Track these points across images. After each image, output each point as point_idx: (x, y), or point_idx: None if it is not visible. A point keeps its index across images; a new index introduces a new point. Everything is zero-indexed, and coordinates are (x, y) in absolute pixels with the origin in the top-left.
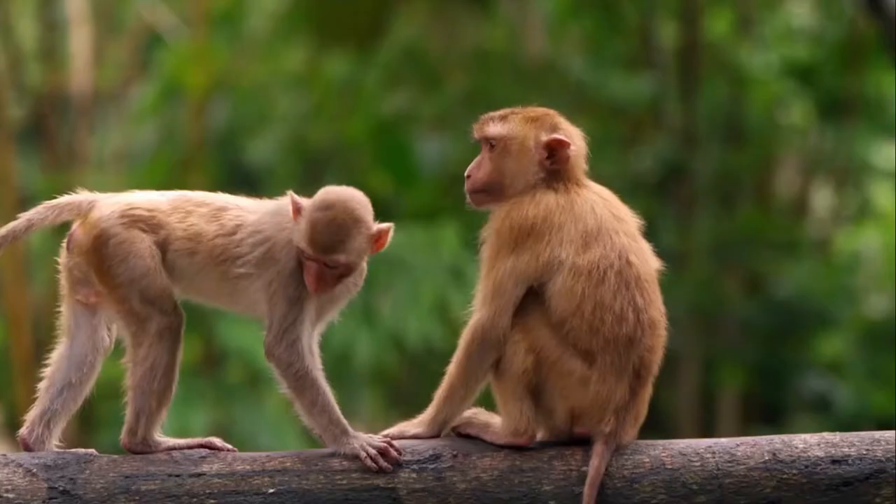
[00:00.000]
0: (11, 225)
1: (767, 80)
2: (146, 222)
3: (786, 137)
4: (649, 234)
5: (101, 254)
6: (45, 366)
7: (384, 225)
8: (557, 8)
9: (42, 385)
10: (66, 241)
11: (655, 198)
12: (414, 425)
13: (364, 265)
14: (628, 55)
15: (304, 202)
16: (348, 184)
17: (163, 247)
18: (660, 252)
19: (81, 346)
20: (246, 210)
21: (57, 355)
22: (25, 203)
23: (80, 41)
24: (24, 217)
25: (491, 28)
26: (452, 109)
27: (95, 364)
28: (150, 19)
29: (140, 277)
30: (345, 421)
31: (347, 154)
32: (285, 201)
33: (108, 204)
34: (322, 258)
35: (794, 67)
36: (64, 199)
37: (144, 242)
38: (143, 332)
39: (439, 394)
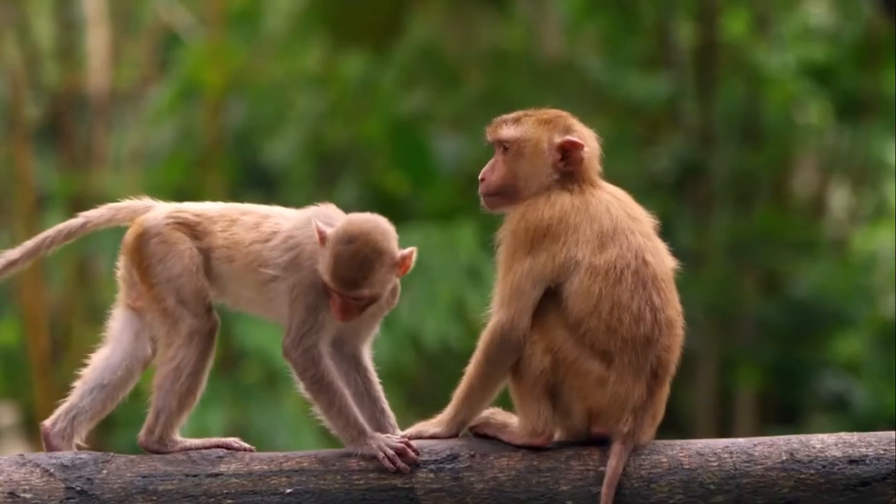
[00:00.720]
0: (69, 222)
1: (784, 80)
2: (191, 227)
3: (803, 137)
4: (666, 233)
5: (143, 252)
6: (62, 366)
7: (407, 250)
8: (574, 7)
9: (76, 382)
10: None
11: (672, 197)
12: (432, 425)
13: (398, 282)
14: (645, 55)
15: (329, 229)
16: (365, 184)
17: (206, 253)
18: (676, 252)
19: (122, 351)
20: (285, 218)
21: (96, 356)
22: (43, 202)
23: (97, 41)
24: (83, 215)
25: (508, 28)
26: (469, 109)
27: (133, 371)
28: (167, 19)
29: (176, 277)
30: (363, 422)
31: (364, 154)
32: (322, 209)
33: (160, 207)
34: (345, 293)
35: (811, 67)
36: (124, 202)
37: (185, 244)
38: (175, 332)
39: (458, 394)
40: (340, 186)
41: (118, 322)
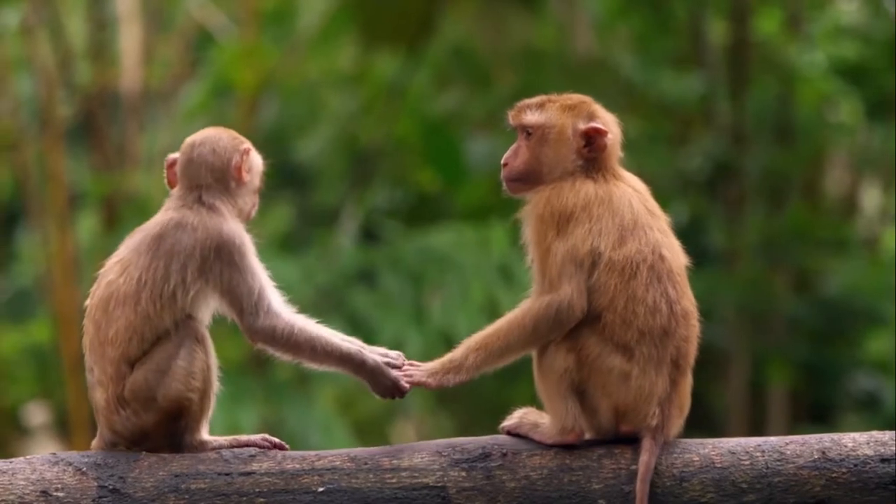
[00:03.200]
0: None
1: (816, 79)
2: (110, 390)
3: (834, 136)
4: (698, 232)
5: (139, 432)
6: None
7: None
8: (606, 6)
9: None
10: None
11: (704, 196)
12: (452, 370)
13: None
14: (678, 54)
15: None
16: (397, 183)
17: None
18: (708, 250)
19: None
20: (131, 262)
21: None
22: (75, 202)
23: (129, 40)
24: None
25: (540, 27)
26: (501, 108)
27: None
28: (199, 18)
29: (156, 385)
30: (352, 348)
31: (397, 153)
32: (154, 229)
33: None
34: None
35: (842, 66)
36: None
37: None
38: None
39: (488, 346)
40: (373, 185)
41: None
